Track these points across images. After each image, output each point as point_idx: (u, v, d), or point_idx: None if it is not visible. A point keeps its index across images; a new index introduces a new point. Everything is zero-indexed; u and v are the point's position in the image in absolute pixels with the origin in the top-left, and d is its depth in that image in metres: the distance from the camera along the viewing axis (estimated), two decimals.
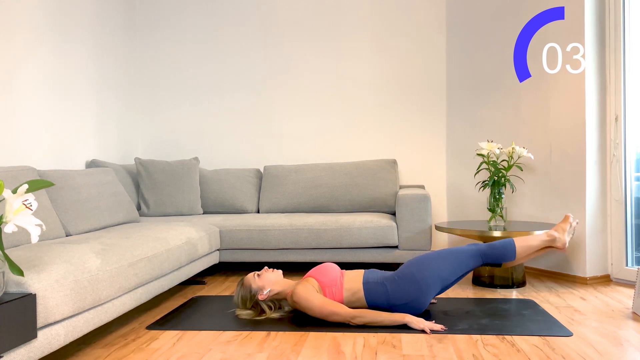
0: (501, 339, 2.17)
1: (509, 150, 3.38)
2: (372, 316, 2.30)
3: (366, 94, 4.42)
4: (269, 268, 2.58)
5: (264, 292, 2.47)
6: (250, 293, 2.50)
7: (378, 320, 2.30)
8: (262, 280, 2.49)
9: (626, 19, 3.20)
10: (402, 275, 2.42)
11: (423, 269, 2.42)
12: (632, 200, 3.21)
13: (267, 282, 2.49)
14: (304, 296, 2.37)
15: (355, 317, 2.31)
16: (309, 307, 2.37)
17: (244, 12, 4.52)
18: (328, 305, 2.35)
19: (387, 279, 2.44)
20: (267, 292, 2.48)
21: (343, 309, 2.33)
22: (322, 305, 2.35)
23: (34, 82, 3.22)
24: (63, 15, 3.52)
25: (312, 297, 2.36)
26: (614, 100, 3.24)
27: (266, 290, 2.48)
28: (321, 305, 2.35)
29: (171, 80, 4.59)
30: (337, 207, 3.95)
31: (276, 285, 2.50)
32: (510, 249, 2.51)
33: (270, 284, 2.49)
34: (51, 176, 2.91)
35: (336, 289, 2.44)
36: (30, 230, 1.51)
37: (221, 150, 4.55)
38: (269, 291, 2.48)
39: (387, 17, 4.39)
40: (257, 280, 2.50)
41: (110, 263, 2.09)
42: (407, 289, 2.39)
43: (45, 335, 1.69)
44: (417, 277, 2.40)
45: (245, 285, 2.52)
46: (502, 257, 2.51)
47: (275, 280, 2.51)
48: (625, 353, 1.99)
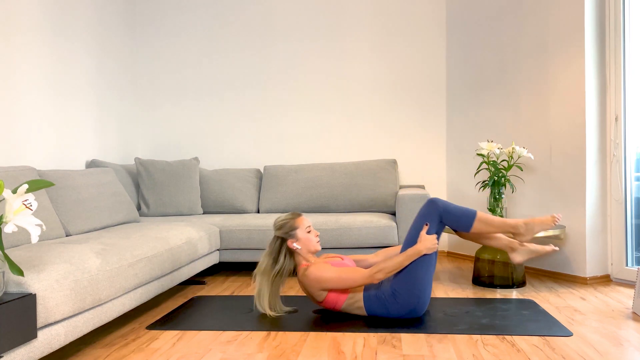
0: (501, 339, 2.17)
1: (509, 150, 3.38)
2: (391, 266, 2.30)
3: (366, 94, 4.42)
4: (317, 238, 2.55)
5: (295, 242, 2.48)
6: (289, 229, 2.49)
7: (396, 266, 2.30)
8: (305, 236, 2.49)
9: (626, 19, 3.20)
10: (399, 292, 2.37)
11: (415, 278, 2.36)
12: (632, 200, 3.21)
13: (305, 241, 2.49)
14: (317, 273, 2.38)
15: (374, 276, 2.30)
16: (325, 281, 2.36)
17: (244, 12, 4.52)
18: (344, 274, 2.35)
19: (387, 296, 2.39)
20: (296, 244, 2.48)
21: (360, 273, 2.33)
22: (339, 276, 2.35)
23: (33, 81, 3.22)
24: (63, 14, 3.52)
25: (326, 272, 2.37)
26: (614, 100, 3.24)
27: (297, 243, 2.48)
28: (338, 276, 2.35)
29: (171, 80, 4.59)
30: (337, 207, 3.95)
31: (305, 249, 2.50)
32: (468, 217, 2.44)
33: (305, 244, 2.49)
34: (51, 176, 2.91)
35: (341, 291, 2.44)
36: (30, 230, 1.51)
37: (221, 150, 4.55)
38: (298, 248, 2.48)
39: (387, 17, 4.39)
40: (303, 233, 2.49)
41: (110, 263, 2.09)
42: (407, 302, 2.37)
43: (45, 335, 1.69)
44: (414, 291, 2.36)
45: (295, 223, 2.50)
46: (456, 223, 2.44)
47: (308, 247, 2.50)
48: (625, 353, 1.99)
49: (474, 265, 3.26)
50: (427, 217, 2.42)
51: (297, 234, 2.50)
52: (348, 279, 2.35)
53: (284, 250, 2.50)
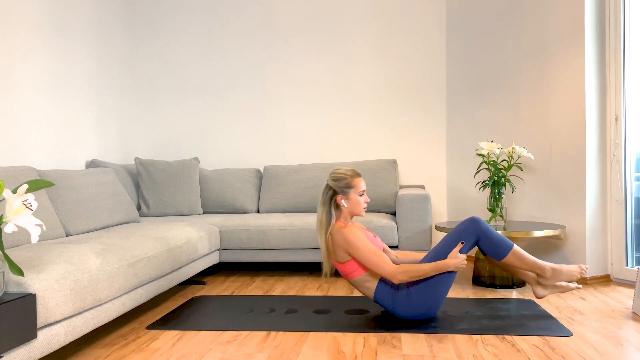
0: (501, 339, 2.17)
1: (509, 150, 3.38)
2: (415, 272, 2.27)
3: (366, 94, 4.42)
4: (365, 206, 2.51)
5: (344, 200, 2.44)
6: (345, 186, 2.44)
7: (421, 274, 2.28)
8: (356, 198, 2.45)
9: (626, 19, 3.20)
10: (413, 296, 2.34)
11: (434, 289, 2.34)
12: (632, 200, 3.21)
13: (355, 203, 2.45)
14: (352, 238, 2.34)
15: (396, 275, 2.28)
16: (355, 248, 2.33)
17: (244, 12, 4.52)
18: (373, 255, 2.32)
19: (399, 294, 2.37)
20: (344, 202, 2.44)
21: (387, 264, 2.30)
22: (368, 252, 2.32)
23: (33, 82, 3.22)
24: (63, 14, 3.52)
25: (360, 242, 2.34)
26: (614, 100, 3.24)
27: (346, 202, 2.44)
28: (367, 252, 2.32)
29: (171, 80, 4.59)
30: None
31: (350, 210, 2.46)
32: (503, 248, 2.41)
33: (353, 206, 2.45)
34: (51, 176, 2.91)
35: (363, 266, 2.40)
36: (30, 230, 1.51)
37: (221, 150, 4.55)
38: (344, 206, 2.44)
39: (387, 17, 4.39)
40: (355, 194, 2.45)
41: (110, 263, 2.09)
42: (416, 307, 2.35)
43: (45, 335, 1.69)
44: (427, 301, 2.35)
45: (353, 182, 2.45)
46: (491, 249, 2.41)
47: (354, 210, 2.46)
48: (625, 353, 1.99)
49: (474, 265, 3.26)
50: (464, 235, 2.38)
51: (350, 193, 2.45)
52: (374, 261, 2.32)
53: (334, 205, 2.46)
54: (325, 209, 2.47)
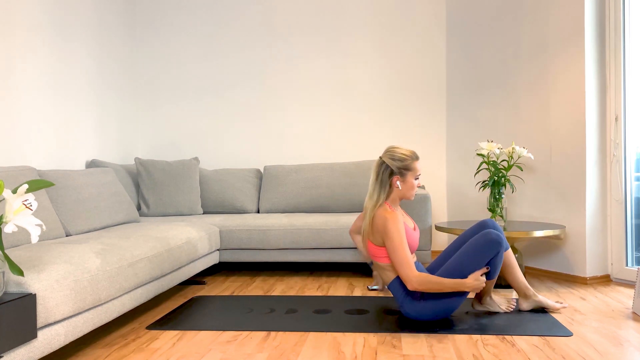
0: (501, 339, 2.17)
1: (509, 150, 3.38)
2: (433, 285, 2.24)
3: (366, 94, 4.42)
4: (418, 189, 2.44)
5: (400, 181, 2.40)
6: (404, 167, 2.39)
7: (438, 289, 2.25)
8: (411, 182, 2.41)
9: (626, 19, 3.20)
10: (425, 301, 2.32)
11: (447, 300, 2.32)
12: (632, 200, 3.21)
13: (408, 186, 2.41)
14: (392, 227, 2.30)
15: (413, 283, 2.24)
16: (389, 238, 2.29)
17: (244, 12, 4.52)
18: (402, 254, 2.27)
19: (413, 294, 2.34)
20: (399, 183, 2.40)
21: (411, 270, 2.25)
22: (399, 248, 2.27)
23: (33, 82, 3.22)
24: (63, 14, 3.52)
25: (397, 235, 2.29)
26: (614, 100, 3.24)
27: (401, 184, 2.41)
28: (398, 248, 2.27)
29: (171, 80, 4.59)
30: (337, 207, 3.95)
31: (401, 193, 2.43)
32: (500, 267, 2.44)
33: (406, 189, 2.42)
34: (51, 176, 2.91)
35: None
36: (30, 230, 1.51)
37: (221, 150, 4.55)
38: (398, 188, 2.41)
39: (387, 17, 4.39)
40: (411, 178, 2.41)
41: (110, 263, 2.09)
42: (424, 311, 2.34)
43: (45, 335, 1.69)
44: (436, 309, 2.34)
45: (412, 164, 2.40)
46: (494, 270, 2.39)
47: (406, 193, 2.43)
48: (625, 353, 1.99)
49: None
50: (485, 253, 2.30)
51: (407, 175, 2.41)
52: (400, 260, 2.27)
53: (389, 184, 2.41)
54: (377, 187, 2.41)
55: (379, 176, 2.42)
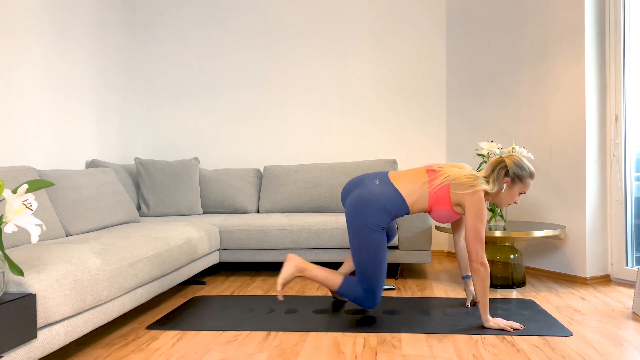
0: (501, 339, 2.17)
1: (509, 150, 3.38)
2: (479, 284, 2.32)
3: (366, 94, 4.42)
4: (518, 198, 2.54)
5: (507, 185, 2.44)
6: (518, 177, 2.43)
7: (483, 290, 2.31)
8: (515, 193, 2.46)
9: (626, 19, 3.20)
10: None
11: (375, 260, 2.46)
12: (632, 200, 3.21)
13: (509, 194, 2.46)
14: (483, 209, 2.35)
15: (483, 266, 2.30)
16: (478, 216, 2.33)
17: (244, 12, 4.52)
18: (482, 235, 2.33)
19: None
20: (506, 186, 2.44)
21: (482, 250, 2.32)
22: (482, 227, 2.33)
23: (34, 81, 3.22)
24: (63, 14, 3.52)
25: (484, 218, 2.35)
26: (614, 100, 3.24)
27: (506, 188, 2.45)
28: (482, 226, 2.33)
29: (171, 80, 4.59)
30: (337, 207, 3.94)
31: (499, 197, 2.47)
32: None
33: (507, 196, 2.46)
34: (51, 176, 2.91)
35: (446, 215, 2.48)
36: (30, 230, 1.51)
37: (221, 150, 4.55)
38: (501, 190, 2.44)
39: (387, 17, 4.39)
40: (517, 190, 2.46)
41: (110, 263, 2.09)
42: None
43: (45, 335, 1.69)
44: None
45: (526, 180, 2.45)
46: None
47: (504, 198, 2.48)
48: (625, 353, 1.99)
49: None
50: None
51: (516, 184, 2.45)
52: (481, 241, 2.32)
53: (499, 182, 2.44)
54: (488, 174, 2.46)
55: (495, 169, 2.46)
